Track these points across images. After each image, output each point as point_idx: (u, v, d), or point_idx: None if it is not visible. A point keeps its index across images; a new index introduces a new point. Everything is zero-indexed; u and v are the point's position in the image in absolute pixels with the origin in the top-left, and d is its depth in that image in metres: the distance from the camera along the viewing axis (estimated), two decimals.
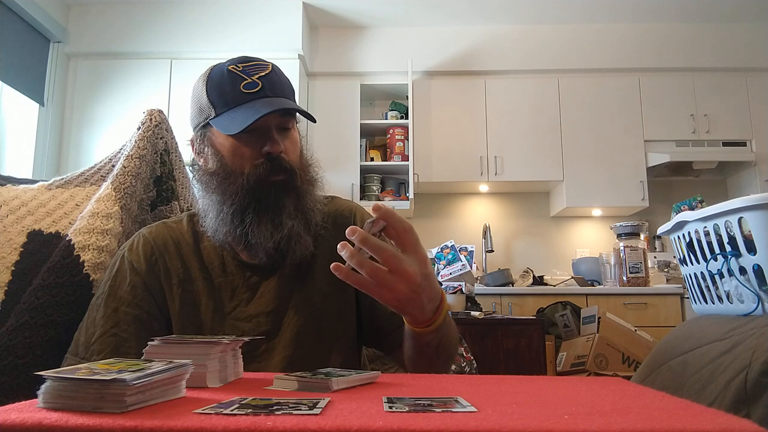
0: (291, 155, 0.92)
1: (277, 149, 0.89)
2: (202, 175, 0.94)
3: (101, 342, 0.87)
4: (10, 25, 3.37)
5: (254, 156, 0.89)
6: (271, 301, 0.93)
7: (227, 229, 0.91)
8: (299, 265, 0.96)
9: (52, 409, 0.46)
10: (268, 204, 0.89)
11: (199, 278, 0.94)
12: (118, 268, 0.94)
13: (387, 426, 0.39)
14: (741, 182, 4.06)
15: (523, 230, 4.25)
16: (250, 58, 0.94)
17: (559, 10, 3.99)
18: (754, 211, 0.86)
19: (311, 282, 0.95)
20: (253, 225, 0.89)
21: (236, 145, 0.90)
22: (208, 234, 0.95)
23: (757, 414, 0.70)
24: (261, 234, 0.88)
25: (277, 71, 0.94)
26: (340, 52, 4.14)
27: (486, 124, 4.00)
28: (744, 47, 4.03)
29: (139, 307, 0.91)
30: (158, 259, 0.94)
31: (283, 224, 0.89)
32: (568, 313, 2.64)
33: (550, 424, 0.40)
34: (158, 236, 0.97)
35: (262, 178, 0.88)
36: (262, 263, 0.94)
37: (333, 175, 3.83)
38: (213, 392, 0.59)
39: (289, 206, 0.90)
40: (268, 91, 0.90)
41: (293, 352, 0.91)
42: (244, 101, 0.88)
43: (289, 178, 0.90)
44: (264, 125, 0.89)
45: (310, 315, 0.94)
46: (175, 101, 3.67)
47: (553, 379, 0.70)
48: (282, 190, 0.90)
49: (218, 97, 0.91)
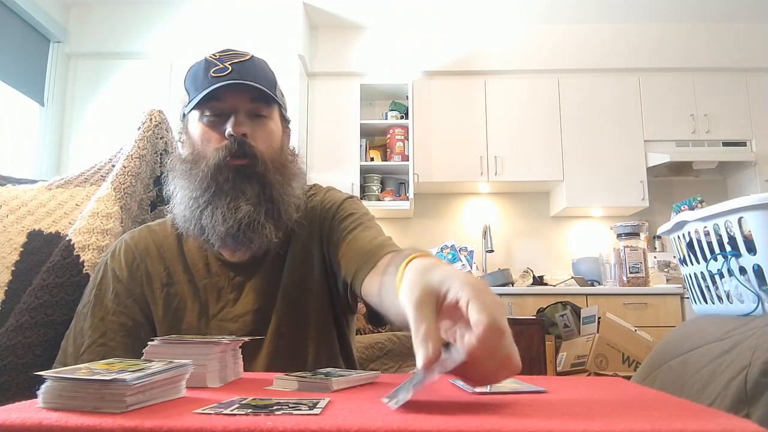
0: (259, 142, 0.89)
1: (238, 131, 0.86)
2: (175, 163, 0.93)
3: (90, 352, 0.87)
4: (10, 25, 3.37)
5: (218, 139, 0.87)
6: (256, 299, 0.93)
7: (186, 215, 0.89)
8: (278, 259, 0.95)
9: (52, 409, 0.46)
10: (226, 188, 0.86)
11: (183, 281, 0.93)
12: (102, 275, 0.94)
13: (387, 426, 0.39)
14: (741, 182, 4.06)
15: (523, 230, 4.25)
16: (232, 49, 0.93)
17: (559, 11, 3.99)
18: (754, 211, 0.86)
19: (287, 273, 0.94)
20: (208, 209, 0.86)
21: (204, 129, 0.88)
22: (179, 227, 0.92)
23: (757, 414, 0.70)
24: (214, 217, 0.86)
25: (257, 62, 0.92)
26: (340, 52, 4.14)
27: (486, 124, 4.00)
28: (744, 47, 4.03)
29: (125, 315, 0.91)
30: (140, 265, 0.94)
31: (238, 209, 0.85)
32: (568, 313, 2.64)
33: (550, 424, 0.40)
34: (140, 241, 0.96)
35: (221, 161, 0.86)
36: (245, 261, 0.94)
37: (333, 175, 3.84)
38: (213, 392, 0.59)
39: (248, 192, 0.87)
40: (236, 75, 0.87)
41: (274, 346, 0.91)
42: (210, 84, 0.86)
43: (251, 162, 0.87)
44: (230, 108, 0.87)
45: (290, 304, 0.93)
46: (175, 101, 3.65)
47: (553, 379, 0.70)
48: (242, 174, 0.87)
49: (191, 84, 0.91)
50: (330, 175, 3.82)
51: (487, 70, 4.09)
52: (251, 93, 0.88)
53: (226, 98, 0.87)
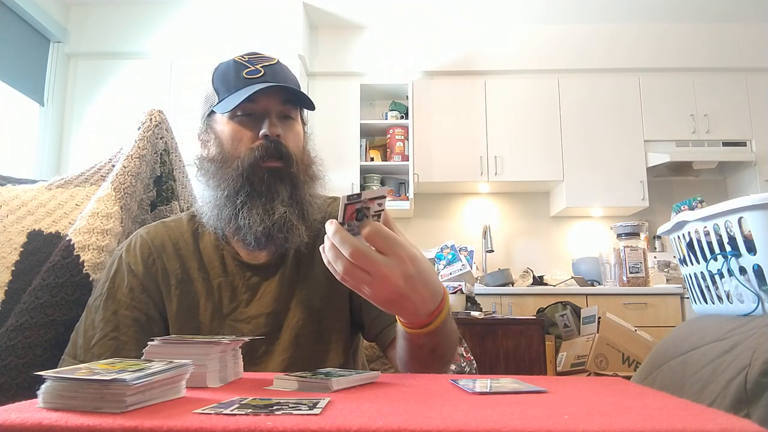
0: (290, 143, 0.91)
1: (273, 131, 0.87)
2: (203, 162, 0.93)
3: (101, 345, 0.86)
4: (10, 25, 3.37)
5: (251, 139, 0.88)
6: (271, 303, 0.92)
7: (221, 215, 0.89)
8: (299, 265, 0.95)
9: (52, 409, 0.46)
10: (261, 189, 0.87)
11: (198, 278, 0.93)
12: (116, 269, 0.93)
13: (387, 426, 0.39)
14: (741, 182, 4.06)
15: (523, 230, 4.25)
16: (258, 52, 0.95)
17: (559, 11, 3.99)
18: (754, 211, 0.86)
19: (311, 282, 0.94)
20: (244, 209, 0.87)
21: (235, 128, 0.89)
22: (207, 226, 0.93)
23: (757, 414, 0.70)
24: (251, 218, 0.86)
25: (283, 66, 0.95)
26: (340, 52, 4.14)
27: (486, 124, 4.00)
28: (744, 47, 4.03)
29: (138, 310, 0.90)
30: (156, 260, 0.93)
31: (274, 210, 0.87)
32: (568, 313, 2.64)
33: (550, 424, 0.40)
34: (156, 236, 0.95)
35: (256, 162, 0.87)
36: (262, 263, 0.94)
37: (333, 175, 3.82)
38: (213, 392, 0.59)
39: (282, 193, 0.88)
40: (269, 78, 0.89)
41: (292, 354, 0.90)
42: (244, 85, 0.88)
43: (285, 164, 0.89)
44: (263, 110, 0.89)
45: (309, 316, 0.93)
46: (175, 101, 3.66)
47: (553, 379, 0.70)
48: (276, 176, 0.88)
49: (221, 83, 0.92)
50: (330, 175, 3.80)
51: (487, 70, 4.10)
52: (282, 96, 0.90)
53: (260, 100, 0.88)
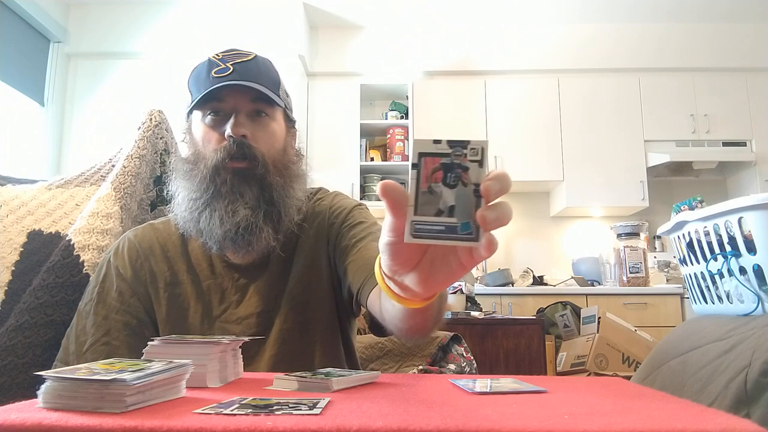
0: (261, 143, 0.88)
1: (237, 131, 0.85)
2: (177, 163, 0.92)
3: (93, 351, 0.86)
4: (10, 25, 3.37)
5: (218, 140, 0.86)
6: (260, 302, 0.92)
7: (187, 217, 0.88)
8: (283, 261, 0.94)
9: (52, 409, 0.46)
10: (223, 191, 0.85)
11: (187, 281, 0.93)
12: (105, 273, 0.93)
13: (387, 426, 0.39)
14: (741, 182, 4.06)
15: (523, 230, 4.25)
16: (236, 49, 0.92)
17: (560, 11, 3.98)
18: (754, 211, 0.86)
19: (294, 276, 0.94)
20: (206, 211, 0.85)
21: (205, 130, 0.88)
22: (181, 229, 0.92)
23: (757, 414, 0.70)
24: (212, 221, 0.85)
25: (260, 61, 0.91)
26: (340, 52, 4.14)
27: (486, 124, 4.00)
28: (744, 47, 4.03)
29: (129, 314, 0.90)
30: (143, 263, 0.93)
31: (236, 213, 0.84)
32: (568, 313, 2.64)
33: (550, 424, 0.40)
34: (144, 239, 0.95)
35: (220, 163, 0.85)
36: (249, 264, 0.93)
37: (333, 175, 3.84)
38: (213, 392, 0.59)
39: (247, 195, 0.86)
40: (237, 75, 0.86)
41: (278, 350, 0.90)
42: (211, 85, 0.86)
43: (251, 165, 0.86)
44: (231, 108, 0.87)
45: (294, 309, 0.92)
46: (175, 101, 3.66)
47: (553, 379, 0.70)
48: (242, 177, 0.86)
49: (194, 83, 0.91)
50: (330, 175, 3.82)
51: (487, 70, 4.09)
52: (252, 93, 0.88)
53: (228, 98, 0.87)
